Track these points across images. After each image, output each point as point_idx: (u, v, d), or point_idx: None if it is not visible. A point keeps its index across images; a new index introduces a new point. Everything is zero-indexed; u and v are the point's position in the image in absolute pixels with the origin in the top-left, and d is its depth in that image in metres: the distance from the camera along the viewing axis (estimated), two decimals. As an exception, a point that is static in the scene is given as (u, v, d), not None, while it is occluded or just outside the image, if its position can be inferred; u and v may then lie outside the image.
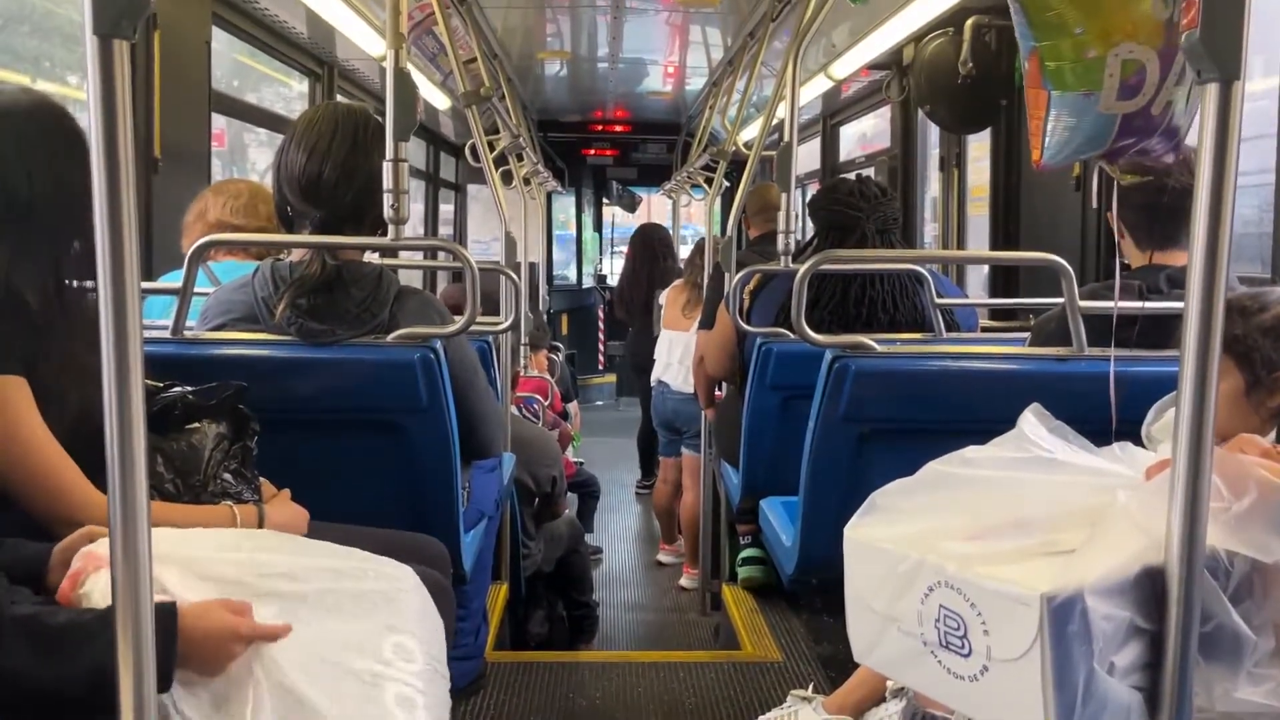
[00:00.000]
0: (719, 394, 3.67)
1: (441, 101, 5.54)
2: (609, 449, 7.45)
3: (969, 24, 3.50)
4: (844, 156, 6.33)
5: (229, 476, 1.62)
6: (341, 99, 4.68)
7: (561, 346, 7.18)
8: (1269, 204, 2.58)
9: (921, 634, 1.13)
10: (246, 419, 1.66)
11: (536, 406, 4.77)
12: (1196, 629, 1.04)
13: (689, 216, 10.02)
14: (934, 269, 2.96)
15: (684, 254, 6.71)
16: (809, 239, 3.01)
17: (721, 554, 3.87)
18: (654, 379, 5.05)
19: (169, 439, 1.58)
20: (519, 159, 4.97)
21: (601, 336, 10.14)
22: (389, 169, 1.96)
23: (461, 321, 2.04)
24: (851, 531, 1.24)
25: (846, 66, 4.64)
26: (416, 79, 2.10)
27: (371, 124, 2.05)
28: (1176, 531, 1.02)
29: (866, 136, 6.31)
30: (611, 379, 10.03)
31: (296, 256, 2.07)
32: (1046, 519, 1.11)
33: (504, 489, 2.91)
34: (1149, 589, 1.05)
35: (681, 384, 4.74)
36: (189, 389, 1.62)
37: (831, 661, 2.76)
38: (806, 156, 6.54)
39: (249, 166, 5.81)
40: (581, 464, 5.85)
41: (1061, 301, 2.06)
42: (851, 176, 3.02)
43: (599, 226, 10.66)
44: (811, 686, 2.32)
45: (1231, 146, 0.99)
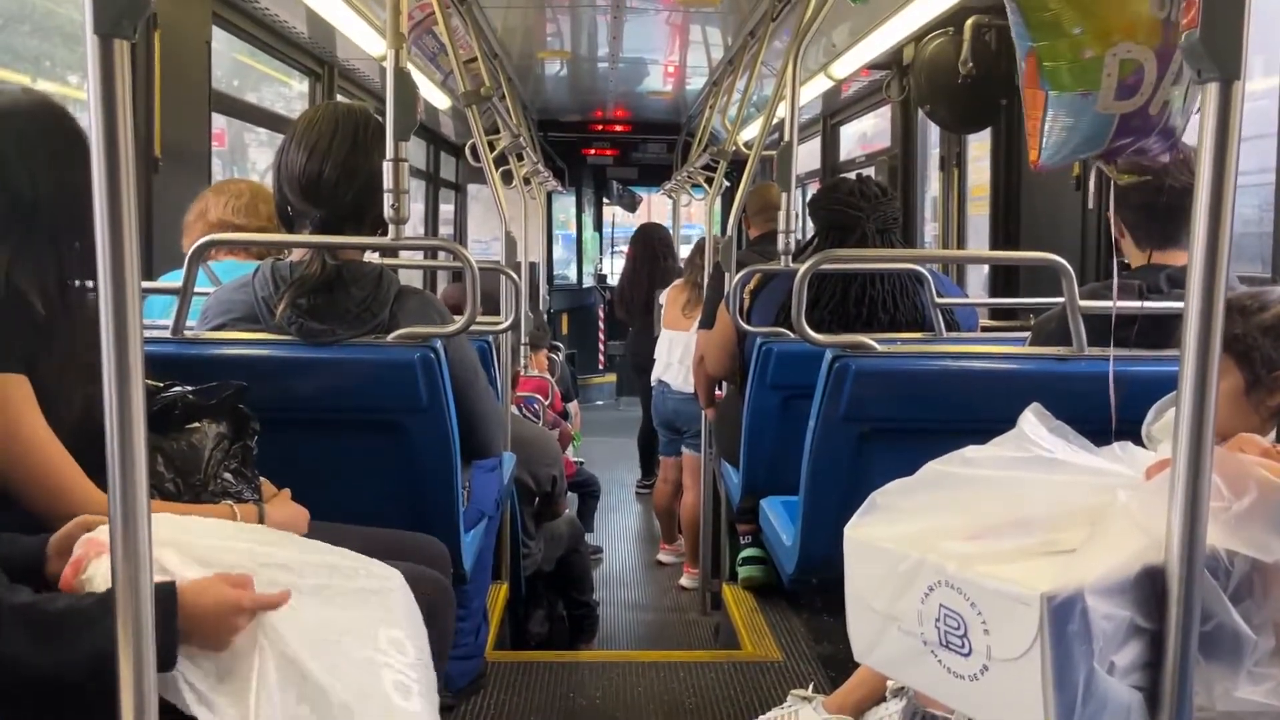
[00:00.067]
0: (719, 394, 3.67)
1: (442, 101, 5.54)
2: (609, 448, 7.45)
3: (969, 24, 3.50)
4: (844, 156, 6.32)
5: (229, 476, 1.62)
6: (342, 99, 4.68)
7: (562, 346, 7.18)
8: (1269, 204, 2.58)
9: (922, 633, 1.13)
10: (247, 418, 1.67)
11: (537, 406, 4.77)
12: (1197, 628, 1.04)
13: (689, 216, 10.01)
14: (934, 269, 2.96)
15: (685, 253, 6.71)
16: (809, 239, 3.01)
17: (722, 553, 3.87)
18: (654, 379, 5.04)
19: (169, 438, 1.59)
20: (519, 159, 4.97)
21: (602, 336, 10.14)
22: (389, 169, 1.96)
23: (461, 321, 2.04)
24: (852, 531, 1.24)
25: (847, 66, 4.64)
26: (417, 79, 2.10)
27: (372, 123, 2.06)
28: (1176, 531, 1.02)
29: (867, 136, 6.31)
30: (612, 379, 10.02)
31: (297, 256, 2.07)
32: (1047, 518, 1.11)
33: (504, 489, 2.91)
34: (1149, 588, 1.05)
35: (682, 384, 4.73)
36: (189, 389, 1.63)
37: (832, 661, 2.76)
38: (807, 156, 6.54)
39: (249, 166, 5.81)
40: (582, 463, 5.85)
41: (1061, 301, 2.06)
42: (852, 176, 3.02)
43: (599, 226, 10.65)
44: (812, 686, 2.32)
45: (1231, 146, 0.99)
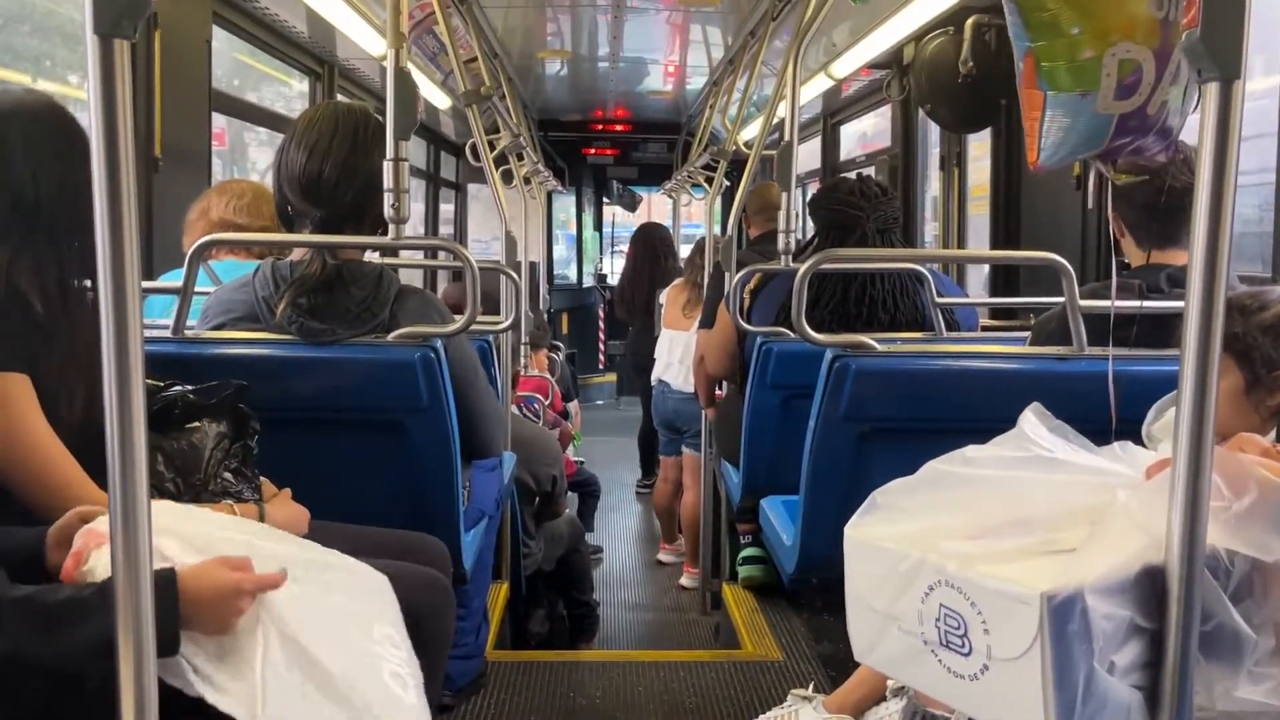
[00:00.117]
0: (719, 393, 3.67)
1: (442, 101, 5.54)
2: (609, 448, 7.45)
3: (969, 23, 3.50)
4: (844, 156, 6.32)
5: (229, 475, 1.62)
6: (342, 98, 4.68)
7: (562, 346, 7.18)
8: (1269, 203, 2.58)
9: (922, 633, 1.13)
10: (247, 418, 1.67)
11: (537, 406, 4.77)
12: (1197, 628, 1.04)
13: (689, 215, 10.01)
14: (934, 268, 2.96)
15: (685, 253, 6.71)
16: (809, 238, 3.01)
17: (722, 553, 3.88)
18: (654, 378, 5.04)
19: (169, 438, 1.59)
20: (519, 158, 4.97)
21: (602, 336, 10.14)
22: (389, 168, 1.96)
23: (462, 321, 2.04)
24: (852, 530, 1.24)
25: (847, 66, 4.64)
26: (417, 78, 2.10)
27: (372, 123, 2.05)
28: (1177, 530, 1.02)
29: (867, 136, 6.30)
30: (612, 378, 10.02)
31: (297, 256, 2.07)
32: (1047, 518, 1.11)
33: (504, 488, 2.91)
34: (1149, 588, 1.05)
35: (682, 383, 4.73)
36: (189, 388, 1.63)
37: (832, 660, 2.76)
38: (807, 156, 6.54)
39: (249, 166, 5.81)
40: (582, 463, 5.84)
41: (1062, 301, 2.06)
42: (852, 176, 3.02)
43: (599, 226, 10.65)
44: (812, 686, 2.32)
45: (1232, 146, 0.99)
